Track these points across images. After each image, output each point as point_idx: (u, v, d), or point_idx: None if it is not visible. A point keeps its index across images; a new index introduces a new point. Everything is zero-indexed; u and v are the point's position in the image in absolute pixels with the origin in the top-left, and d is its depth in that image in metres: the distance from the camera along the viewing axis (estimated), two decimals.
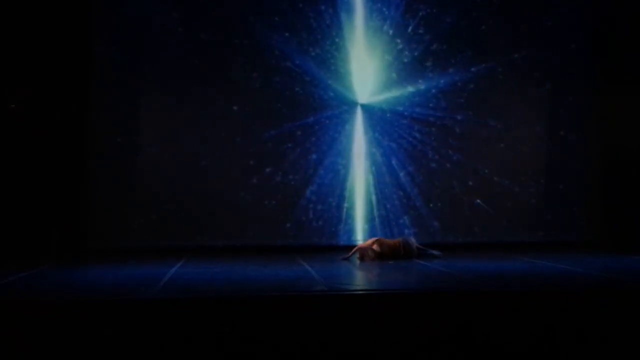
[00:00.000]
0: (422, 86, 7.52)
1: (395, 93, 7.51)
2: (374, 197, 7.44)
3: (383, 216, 7.41)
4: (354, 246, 6.58)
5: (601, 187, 7.76)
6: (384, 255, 6.19)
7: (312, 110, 7.40)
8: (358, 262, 6.11)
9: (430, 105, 7.54)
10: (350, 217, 7.42)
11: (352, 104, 7.48)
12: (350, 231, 7.40)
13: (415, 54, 7.51)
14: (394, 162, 7.48)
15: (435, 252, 6.42)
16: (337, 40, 7.48)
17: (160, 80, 7.17)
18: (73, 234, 6.81)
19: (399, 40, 7.51)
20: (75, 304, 3.96)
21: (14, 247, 6.41)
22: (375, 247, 6.22)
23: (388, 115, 7.50)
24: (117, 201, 7.01)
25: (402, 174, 7.48)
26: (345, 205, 7.41)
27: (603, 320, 4.14)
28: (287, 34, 7.33)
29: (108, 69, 7.05)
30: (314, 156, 7.38)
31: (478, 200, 7.52)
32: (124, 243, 6.92)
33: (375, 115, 7.50)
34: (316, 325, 3.92)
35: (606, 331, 4.10)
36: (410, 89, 7.52)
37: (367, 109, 7.50)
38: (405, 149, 7.51)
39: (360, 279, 5.33)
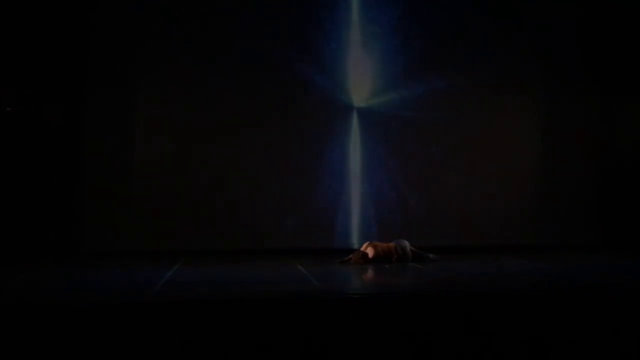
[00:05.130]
0: (418, 89, 7.52)
1: (391, 96, 7.50)
2: (370, 201, 7.44)
3: (380, 219, 7.41)
4: (350, 250, 6.60)
5: (597, 190, 7.80)
6: (379, 258, 6.19)
7: (304, 113, 7.38)
8: (351, 265, 6.12)
9: (427, 108, 7.53)
10: (346, 220, 7.41)
11: (347, 108, 7.49)
12: (347, 235, 7.40)
13: (414, 55, 7.50)
14: (390, 164, 7.48)
15: (431, 255, 6.43)
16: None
17: (156, 83, 7.17)
18: (69, 237, 6.80)
19: (398, 38, 7.47)
20: (72, 307, 3.95)
21: (10, 251, 6.39)
22: (369, 250, 6.23)
23: (385, 119, 7.49)
24: (113, 204, 6.99)
25: (398, 177, 7.48)
26: (342, 208, 7.41)
27: (598, 322, 4.17)
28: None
29: (104, 71, 7.04)
30: (309, 159, 7.38)
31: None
32: (121, 246, 6.90)
33: (372, 120, 7.49)
34: (313, 326, 3.93)
35: (602, 333, 4.12)
36: (406, 92, 7.51)
37: (364, 113, 7.50)
38: (401, 151, 7.50)
39: (355, 281, 5.33)
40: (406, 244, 6.41)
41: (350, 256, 6.27)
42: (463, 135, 7.61)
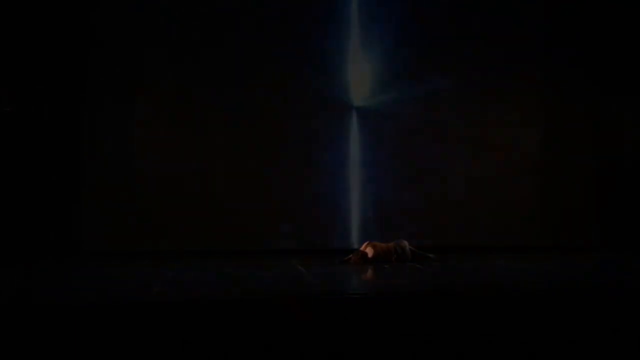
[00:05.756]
0: (418, 89, 7.50)
1: (391, 96, 7.49)
2: (370, 201, 7.43)
3: (379, 220, 7.41)
4: (350, 250, 6.61)
5: (597, 190, 7.79)
6: (379, 258, 6.20)
7: (304, 113, 7.36)
8: (350, 265, 6.12)
9: (427, 108, 7.53)
10: (346, 220, 7.41)
11: (347, 108, 7.48)
12: (347, 235, 7.39)
13: (414, 54, 7.49)
14: (390, 164, 7.48)
15: (431, 255, 6.43)
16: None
17: (156, 84, 7.18)
18: (69, 237, 6.81)
19: (398, 38, 7.45)
20: (72, 307, 3.95)
21: (10, 251, 6.39)
22: (369, 250, 6.23)
23: (385, 119, 7.48)
24: (113, 204, 7.00)
25: (398, 177, 7.47)
26: (341, 209, 7.41)
27: (598, 322, 4.17)
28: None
29: (104, 71, 7.05)
30: (309, 159, 7.38)
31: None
32: (121, 246, 6.92)
33: (372, 120, 7.47)
34: (312, 327, 3.93)
35: (602, 333, 4.12)
36: (406, 92, 7.50)
37: (364, 113, 7.49)
38: (401, 151, 7.50)
39: (355, 281, 5.33)
40: (406, 244, 6.41)
41: (350, 256, 6.27)
42: (463, 135, 7.60)
